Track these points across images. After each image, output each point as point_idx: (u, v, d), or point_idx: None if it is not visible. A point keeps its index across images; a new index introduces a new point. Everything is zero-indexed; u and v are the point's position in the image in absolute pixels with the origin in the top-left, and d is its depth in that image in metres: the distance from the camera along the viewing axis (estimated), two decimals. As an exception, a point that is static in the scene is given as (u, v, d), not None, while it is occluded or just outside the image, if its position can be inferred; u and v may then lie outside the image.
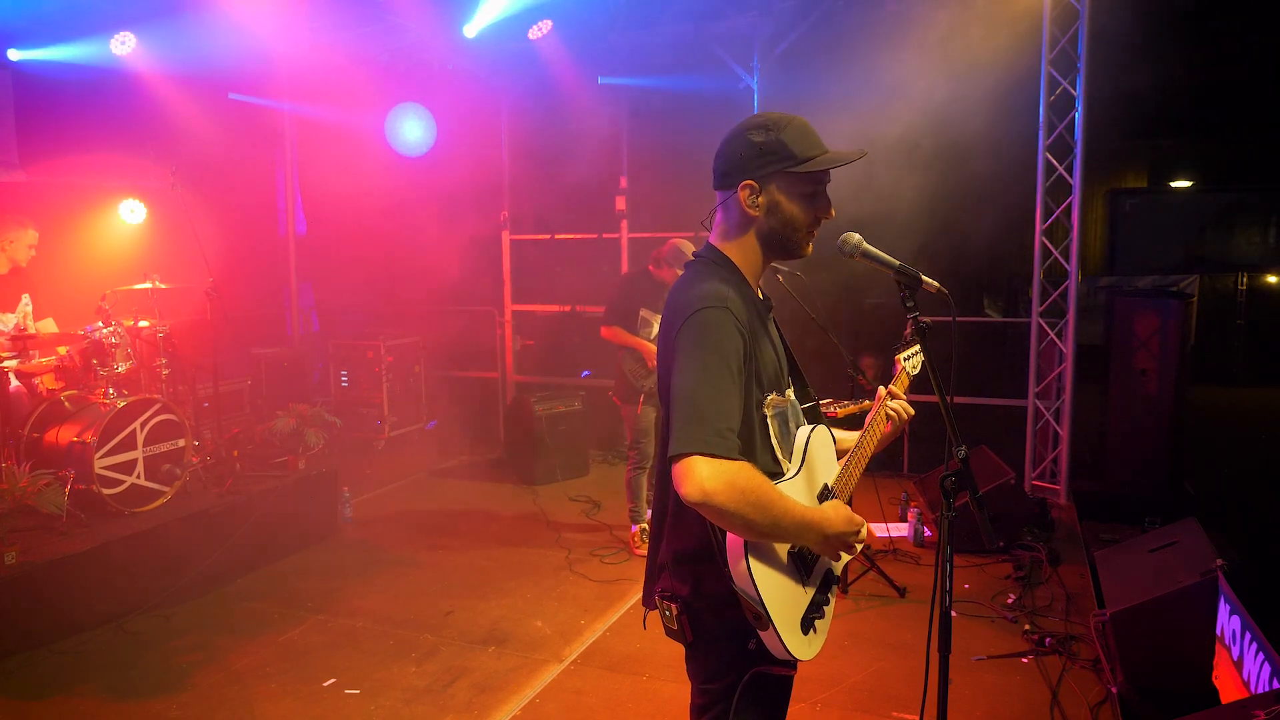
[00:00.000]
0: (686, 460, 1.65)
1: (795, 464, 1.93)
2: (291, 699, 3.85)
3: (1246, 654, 3.33)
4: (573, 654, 4.25)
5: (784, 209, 1.89)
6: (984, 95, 6.35)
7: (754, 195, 1.88)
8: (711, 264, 1.94)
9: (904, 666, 4.02)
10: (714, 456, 1.65)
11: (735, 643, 1.85)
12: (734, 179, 1.90)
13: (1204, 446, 6.59)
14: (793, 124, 1.89)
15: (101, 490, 4.78)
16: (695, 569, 1.87)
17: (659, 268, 5.38)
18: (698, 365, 1.73)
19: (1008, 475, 5.50)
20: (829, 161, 1.87)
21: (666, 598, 1.91)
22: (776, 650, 1.82)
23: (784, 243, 1.94)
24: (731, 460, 1.67)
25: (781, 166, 1.86)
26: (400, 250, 8.97)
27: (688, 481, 1.64)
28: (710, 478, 1.63)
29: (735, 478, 1.66)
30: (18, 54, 6.82)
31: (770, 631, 1.78)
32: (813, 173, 1.87)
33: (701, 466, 1.64)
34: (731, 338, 1.77)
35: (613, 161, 8.19)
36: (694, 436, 1.66)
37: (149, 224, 7.19)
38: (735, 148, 1.89)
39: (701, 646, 1.91)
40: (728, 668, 1.88)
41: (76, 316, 5.41)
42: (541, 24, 7.61)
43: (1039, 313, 6.65)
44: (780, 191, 1.89)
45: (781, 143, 1.86)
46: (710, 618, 1.87)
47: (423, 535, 6.04)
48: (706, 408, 1.69)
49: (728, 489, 1.64)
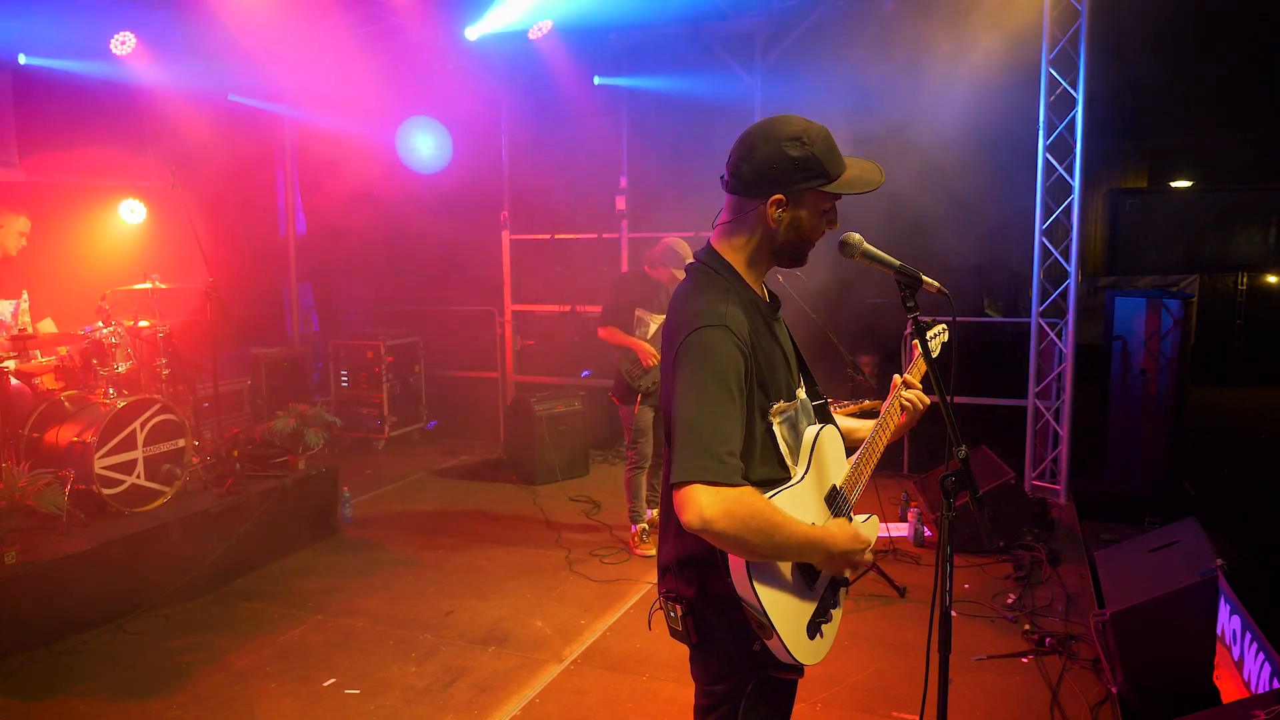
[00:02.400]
0: (687, 489, 1.66)
1: (803, 466, 1.92)
2: (291, 699, 3.85)
3: (1247, 654, 3.33)
4: (573, 654, 4.25)
5: (804, 224, 1.87)
6: (984, 95, 6.35)
7: (781, 209, 1.85)
8: (712, 272, 1.90)
9: (904, 666, 4.02)
10: (714, 484, 1.65)
11: (740, 645, 1.84)
12: (764, 190, 1.84)
13: (1204, 446, 6.59)
14: (821, 136, 1.84)
15: (101, 490, 4.78)
16: (700, 571, 1.86)
17: (654, 268, 5.39)
18: (697, 388, 1.73)
19: (1008, 475, 5.50)
20: (857, 184, 1.85)
21: (671, 598, 1.91)
22: (782, 656, 1.82)
23: (795, 255, 1.93)
24: (732, 487, 1.67)
25: (815, 184, 1.83)
26: (400, 250, 8.97)
27: (688, 509, 1.65)
28: (709, 505, 1.64)
29: (734, 507, 1.66)
30: (26, 59, 6.81)
31: (775, 641, 1.78)
32: (838, 191, 1.85)
33: (701, 495, 1.65)
34: (730, 357, 1.75)
35: (613, 161, 8.19)
36: (694, 465, 1.67)
37: (149, 224, 7.19)
38: (768, 157, 1.82)
39: (706, 648, 1.90)
40: (733, 670, 1.87)
41: (76, 316, 5.41)
42: (541, 24, 7.61)
43: (1039, 313, 6.65)
44: (806, 207, 1.86)
45: (817, 159, 1.81)
46: (715, 619, 1.86)
47: (423, 535, 6.04)
48: (706, 433, 1.69)
49: (726, 518, 1.65)
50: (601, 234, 8.29)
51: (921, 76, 6.49)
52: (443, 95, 8.26)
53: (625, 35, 7.76)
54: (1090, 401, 6.67)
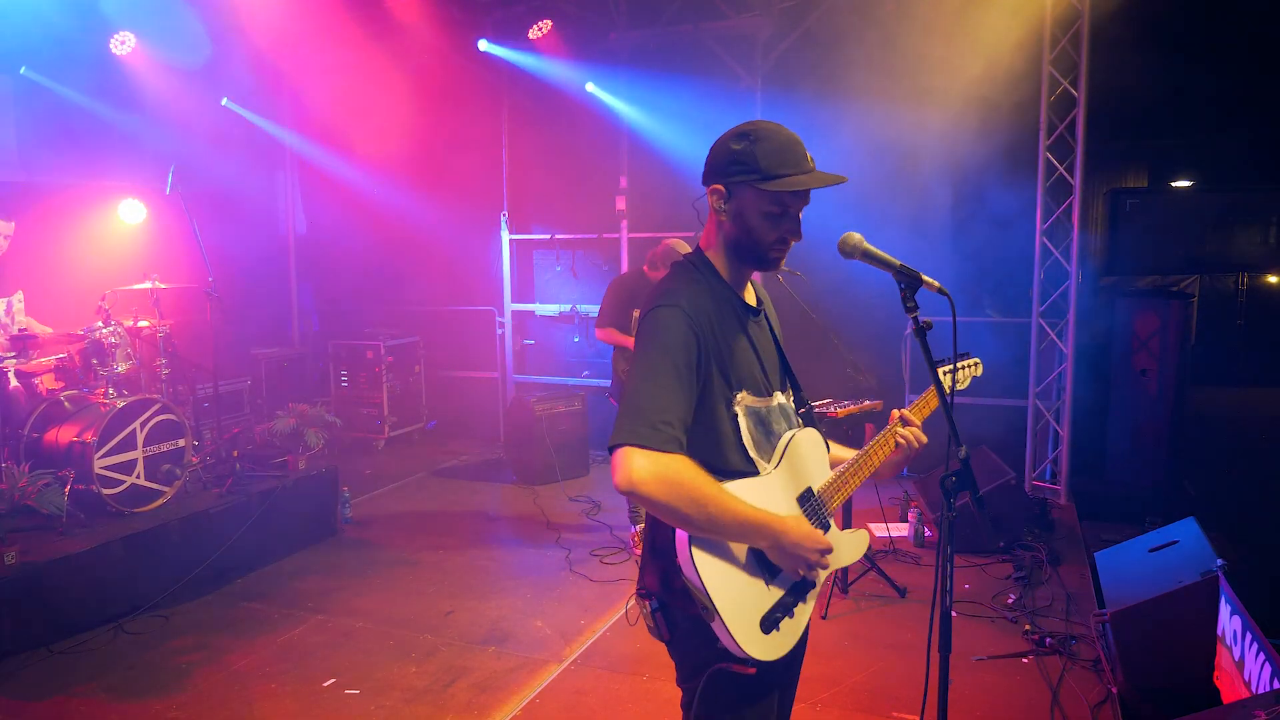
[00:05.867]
0: (620, 451, 1.70)
1: (773, 464, 1.93)
2: (291, 699, 3.85)
3: (1247, 654, 3.32)
4: (573, 654, 4.25)
5: (747, 220, 1.90)
6: (984, 94, 6.35)
7: (721, 200, 1.90)
8: (689, 266, 1.98)
9: (904, 666, 4.02)
10: (646, 448, 1.69)
11: (705, 640, 1.82)
12: (707, 179, 1.93)
13: (1204, 446, 6.58)
14: (773, 138, 1.85)
15: (101, 490, 4.78)
16: (662, 563, 1.87)
17: (654, 269, 5.38)
18: (643, 361, 1.79)
19: (1008, 475, 5.50)
20: (792, 184, 1.84)
21: (642, 595, 1.93)
22: (729, 646, 1.79)
23: (749, 252, 1.94)
24: (664, 453, 1.70)
25: (747, 179, 1.86)
26: (400, 250, 8.97)
27: (619, 471, 1.69)
28: (639, 469, 1.67)
29: (664, 470, 1.69)
30: (28, 72, 6.81)
31: (719, 624, 1.77)
32: (777, 192, 1.85)
33: (633, 457, 1.68)
34: (680, 334, 1.80)
35: (613, 161, 8.19)
36: (628, 429, 1.71)
37: (149, 224, 7.19)
38: (716, 150, 1.92)
39: (677, 643, 1.92)
40: (698, 665, 1.86)
41: (76, 316, 5.41)
42: (541, 24, 7.61)
43: (1039, 313, 6.65)
44: (745, 203, 1.89)
45: (753, 155, 1.84)
46: (679, 613, 1.86)
47: (423, 535, 6.04)
48: (645, 402, 1.73)
49: (655, 480, 1.67)
50: (601, 234, 8.29)
51: (921, 75, 6.49)
52: (444, 94, 8.25)
53: (625, 35, 7.76)
54: (1090, 401, 6.66)
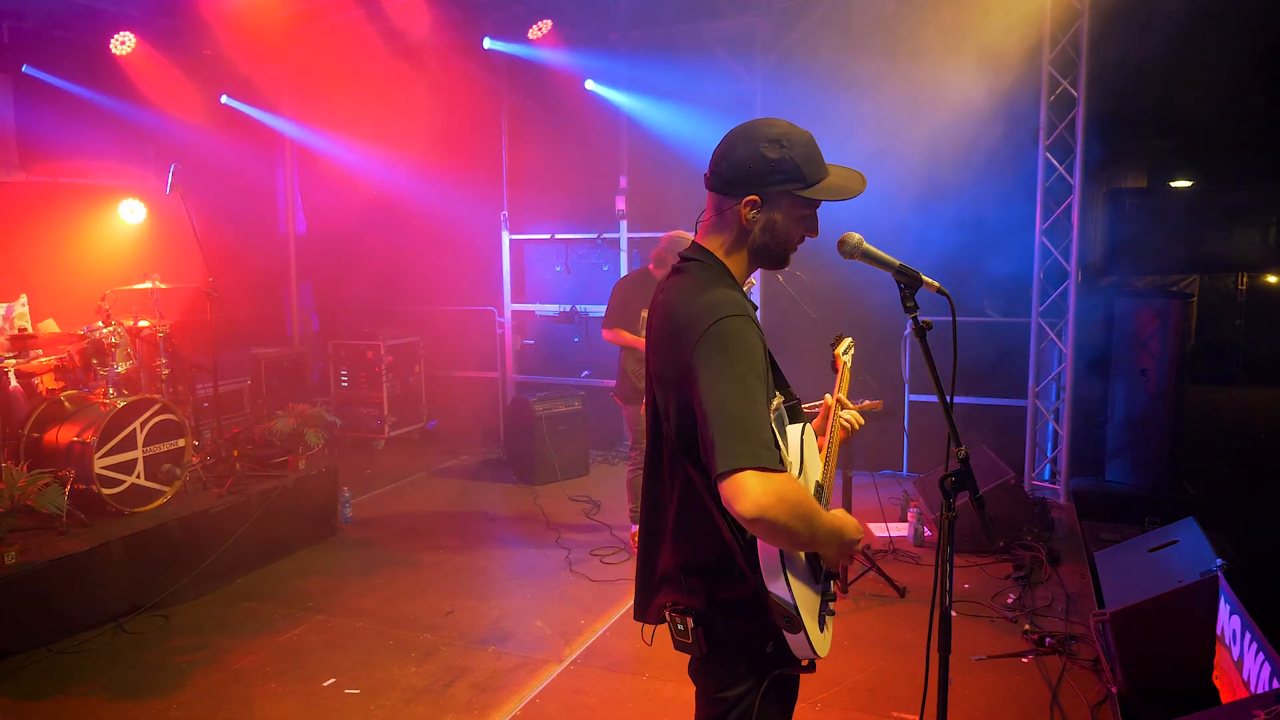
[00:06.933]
0: (738, 476, 1.59)
1: (795, 464, 1.93)
2: (291, 699, 3.85)
3: (1247, 654, 3.32)
4: (573, 654, 4.25)
5: (780, 227, 1.87)
6: (984, 94, 6.34)
7: (755, 210, 1.84)
8: (712, 268, 1.89)
9: (904, 666, 4.02)
10: (763, 470, 1.60)
11: (753, 649, 1.82)
12: (739, 190, 1.84)
13: (1204, 446, 6.57)
14: (803, 141, 1.84)
15: (101, 490, 4.78)
16: (706, 580, 1.83)
17: (659, 266, 5.37)
18: (732, 377, 1.68)
19: (1008, 475, 5.50)
20: (835, 192, 1.85)
21: (679, 611, 1.87)
22: (802, 650, 1.80)
23: (771, 258, 1.92)
24: (779, 473, 1.62)
25: (790, 188, 1.82)
26: (400, 250, 8.97)
27: (743, 498, 1.58)
28: (765, 493, 1.58)
29: (785, 491, 1.61)
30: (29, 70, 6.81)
31: (801, 634, 1.77)
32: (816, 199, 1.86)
33: (754, 482, 1.58)
34: (756, 346, 1.73)
35: (613, 161, 8.19)
36: (745, 451, 1.60)
37: (149, 224, 7.19)
38: (745, 157, 1.82)
39: (715, 656, 1.87)
40: (745, 674, 1.85)
41: (76, 316, 5.41)
42: (541, 24, 7.60)
43: (1039, 313, 6.65)
44: (781, 210, 1.85)
45: (794, 162, 1.81)
46: (724, 627, 1.83)
47: (423, 535, 6.04)
48: (750, 421, 1.63)
49: (780, 503, 1.59)
50: (601, 234, 8.29)
51: (922, 75, 6.48)
52: (444, 94, 8.25)
53: (625, 35, 7.76)
54: (1090, 401, 6.66)
